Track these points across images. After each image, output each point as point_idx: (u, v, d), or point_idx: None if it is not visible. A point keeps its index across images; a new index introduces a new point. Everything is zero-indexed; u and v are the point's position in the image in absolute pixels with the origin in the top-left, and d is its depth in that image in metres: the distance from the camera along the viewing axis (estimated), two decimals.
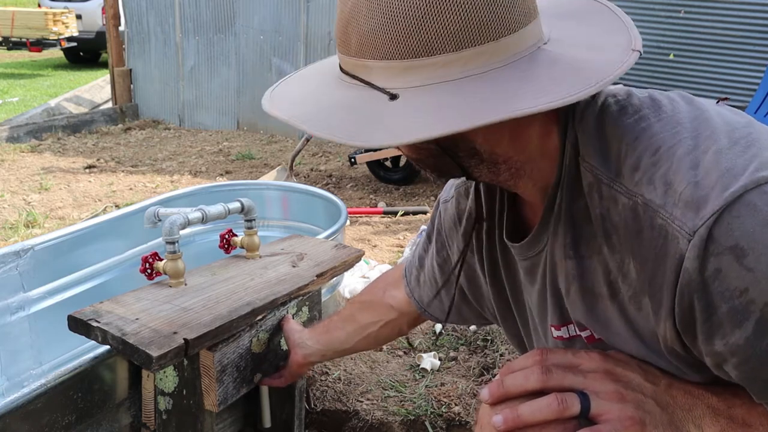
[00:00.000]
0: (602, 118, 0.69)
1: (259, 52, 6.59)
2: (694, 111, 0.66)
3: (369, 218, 3.98)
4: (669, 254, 0.60)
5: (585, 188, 0.68)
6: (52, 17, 11.03)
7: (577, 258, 0.71)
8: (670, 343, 0.65)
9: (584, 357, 0.71)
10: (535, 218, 0.79)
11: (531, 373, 0.70)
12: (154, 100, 7.39)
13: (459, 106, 0.60)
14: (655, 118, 0.66)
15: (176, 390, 1.42)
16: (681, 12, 4.60)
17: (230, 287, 1.53)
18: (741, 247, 0.56)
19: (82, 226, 2.15)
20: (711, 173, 0.59)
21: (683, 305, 0.60)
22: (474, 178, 0.74)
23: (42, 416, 1.28)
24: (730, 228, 0.57)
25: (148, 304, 1.42)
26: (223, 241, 1.72)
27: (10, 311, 1.95)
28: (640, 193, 0.63)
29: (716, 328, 0.59)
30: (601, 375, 0.68)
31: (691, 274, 0.59)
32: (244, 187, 2.73)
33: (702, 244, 0.58)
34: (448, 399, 2.07)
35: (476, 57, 0.62)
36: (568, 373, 0.69)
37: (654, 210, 0.62)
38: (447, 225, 0.97)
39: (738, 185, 0.58)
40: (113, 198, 4.48)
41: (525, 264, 0.79)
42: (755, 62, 4.37)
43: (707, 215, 0.58)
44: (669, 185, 0.61)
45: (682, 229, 0.59)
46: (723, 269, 0.57)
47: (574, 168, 0.69)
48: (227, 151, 5.92)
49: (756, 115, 3.94)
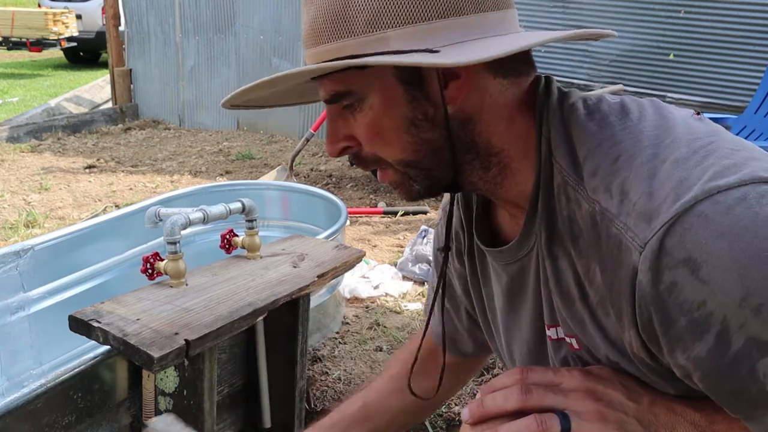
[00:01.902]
0: (569, 118, 0.69)
1: (259, 52, 6.58)
2: (659, 120, 0.66)
3: (369, 218, 3.98)
4: (624, 265, 0.60)
5: (555, 188, 0.69)
6: (52, 17, 11.03)
7: (551, 258, 0.70)
8: (636, 351, 0.64)
9: (565, 375, 0.69)
10: (510, 223, 0.79)
11: (510, 394, 0.69)
12: (154, 100, 7.38)
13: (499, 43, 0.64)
14: (620, 125, 0.66)
15: (177, 390, 1.42)
16: (681, 12, 4.59)
17: (231, 288, 1.53)
18: (694, 259, 0.55)
19: (82, 226, 2.15)
20: (665, 184, 0.59)
21: (643, 317, 0.60)
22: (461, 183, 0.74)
23: (42, 416, 1.28)
24: (682, 240, 0.56)
25: (149, 305, 1.42)
26: (224, 241, 1.72)
27: (10, 311, 1.94)
28: (598, 200, 0.63)
29: (676, 341, 0.58)
30: (582, 394, 0.67)
31: (645, 287, 0.58)
32: (244, 187, 2.73)
33: (654, 256, 0.57)
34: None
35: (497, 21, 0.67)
36: (549, 392, 0.68)
37: (609, 219, 0.62)
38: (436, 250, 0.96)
39: (689, 195, 0.57)
40: (113, 198, 4.48)
41: (513, 268, 0.77)
42: (755, 62, 4.37)
43: (657, 226, 0.57)
44: (625, 195, 0.61)
45: (634, 240, 0.59)
46: (678, 282, 0.56)
47: (549, 166, 0.69)
48: (227, 151, 5.91)
49: (756, 115, 3.94)
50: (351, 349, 2.38)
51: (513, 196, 0.74)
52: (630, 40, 4.76)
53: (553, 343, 0.76)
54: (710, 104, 4.51)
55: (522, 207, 0.74)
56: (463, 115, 0.69)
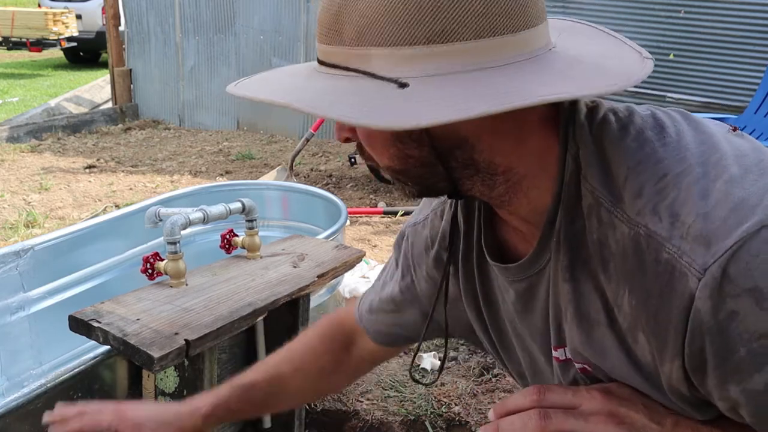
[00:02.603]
0: (602, 135, 0.64)
1: (259, 52, 6.58)
2: (699, 135, 0.62)
3: (369, 218, 3.98)
4: (676, 292, 0.56)
5: (584, 209, 0.64)
6: (52, 17, 11.02)
7: (573, 281, 0.66)
8: (675, 383, 0.61)
9: (585, 396, 0.66)
10: (516, 237, 0.75)
11: (529, 419, 0.66)
12: (154, 100, 7.38)
13: (485, 92, 0.56)
14: (659, 142, 0.62)
15: (177, 390, 1.42)
16: (681, 12, 4.59)
17: (231, 288, 1.53)
18: (760, 288, 0.52)
19: (82, 226, 2.15)
20: (723, 204, 0.55)
21: (694, 347, 0.57)
22: (462, 193, 0.69)
23: (42, 416, 1.28)
24: (748, 267, 0.53)
25: (149, 305, 1.42)
26: (224, 241, 1.73)
27: (10, 311, 1.95)
28: (644, 223, 0.58)
29: (732, 372, 0.56)
30: (604, 417, 0.64)
31: (703, 315, 0.55)
32: (244, 187, 2.73)
33: (715, 284, 0.54)
34: (448, 399, 2.07)
35: (494, 48, 0.58)
36: (569, 417, 0.65)
37: (659, 243, 0.57)
38: (416, 249, 0.91)
39: (755, 219, 0.53)
40: (113, 198, 4.48)
41: (521, 285, 0.73)
42: (755, 62, 4.37)
43: (720, 252, 0.54)
44: (676, 217, 0.57)
45: (691, 266, 0.55)
46: (741, 312, 0.53)
47: (574, 185, 0.64)
48: (227, 151, 5.92)
49: (756, 115, 3.94)
50: None
51: (524, 214, 0.70)
52: None
53: (560, 365, 0.73)
54: (710, 104, 4.51)
55: (532, 223, 0.70)
56: (453, 140, 0.63)
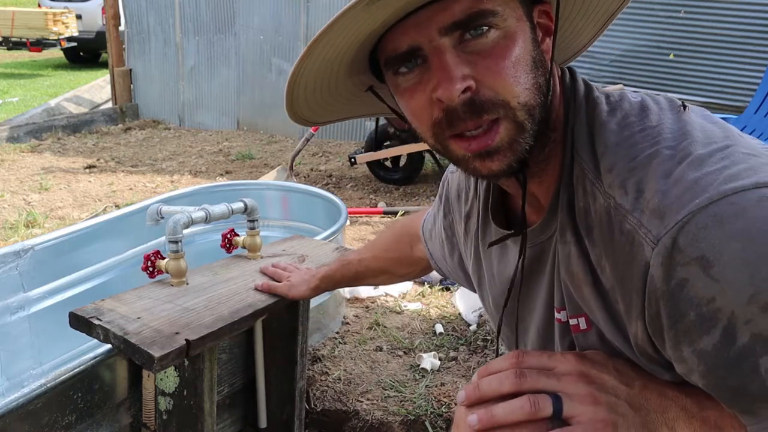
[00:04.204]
0: (593, 113, 0.71)
1: (259, 52, 6.58)
2: (678, 123, 0.68)
3: (369, 218, 3.98)
4: (636, 260, 0.62)
5: (573, 179, 0.71)
6: (52, 17, 11.02)
7: (563, 243, 0.73)
8: (641, 343, 0.66)
9: (559, 359, 0.72)
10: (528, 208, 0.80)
11: (506, 377, 0.71)
12: (154, 100, 7.38)
13: None
14: (639, 126, 0.68)
15: (177, 390, 1.42)
16: (681, 12, 4.59)
17: (232, 288, 1.53)
18: (707, 258, 0.57)
19: (82, 226, 2.15)
20: (680, 183, 0.61)
21: (651, 311, 0.62)
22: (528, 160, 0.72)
23: (42, 416, 1.28)
24: (695, 238, 0.58)
25: (150, 303, 1.42)
26: (225, 240, 1.72)
27: (10, 311, 1.94)
28: (613, 195, 0.65)
29: (683, 334, 0.60)
30: (575, 377, 0.69)
31: (656, 281, 0.60)
32: (244, 187, 2.73)
33: (666, 253, 0.59)
34: (448, 399, 2.07)
35: None
36: (542, 376, 0.70)
37: (623, 215, 0.64)
38: (452, 194, 0.99)
39: (704, 196, 0.59)
40: (113, 198, 4.48)
41: (533, 250, 0.79)
42: (755, 62, 4.37)
43: (671, 224, 0.59)
44: (640, 192, 0.63)
45: (647, 236, 0.61)
46: (689, 279, 0.58)
47: (570, 157, 0.72)
48: (227, 151, 5.91)
49: (756, 115, 3.94)
50: (351, 349, 2.38)
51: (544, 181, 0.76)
52: (630, 40, 4.76)
53: (560, 326, 0.78)
54: (710, 104, 4.50)
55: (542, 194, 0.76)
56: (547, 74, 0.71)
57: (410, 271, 1.29)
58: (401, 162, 4.70)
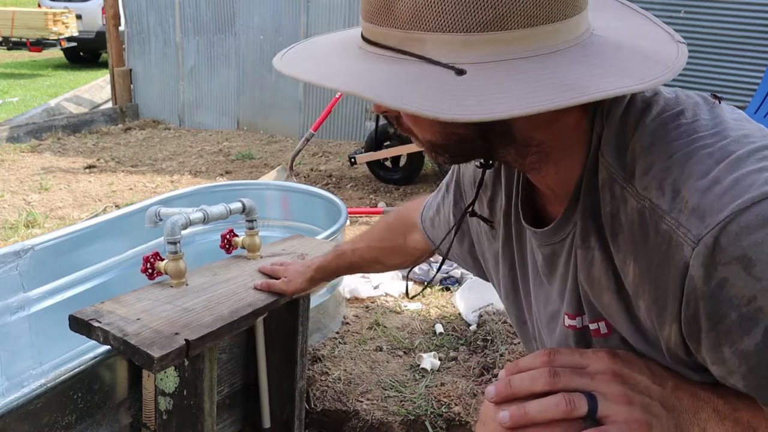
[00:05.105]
0: (626, 114, 0.69)
1: (259, 52, 6.59)
2: (714, 119, 0.66)
3: (369, 218, 3.98)
4: (673, 260, 0.61)
5: (599, 183, 0.69)
6: (52, 17, 11.02)
7: (585, 248, 0.71)
8: (673, 347, 0.65)
9: (592, 358, 0.71)
10: (550, 206, 0.80)
11: (539, 376, 0.70)
12: (154, 100, 7.38)
13: (548, 83, 0.59)
14: (674, 124, 0.66)
15: (177, 390, 1.42)
16: (681, 12, 4.60)
17: (231, 288, 1.53)
18: (749, 257, 0.56)
19: (82, 226, 2.15)
20: (721, 183, 0.60)
21: (689, 312, 0.61)
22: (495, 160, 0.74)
23: (42, 416, 1.28)
24: (737, 238, 0.57)
25: (150, 305, 1.42)
26: (224, 241, 1.72)
27: (10, 311, 1.94)
28: (649, 197, 0.63)
29: (724, 335, 0.59)
30: (608, 377, 0.69)
31: (696, 282, 0.59)
32: (244, 187, 2.73)
33: (708, 253, 0.58)
34: (448, 399, 2.07)
35: (546, 35, 0.62)
36: (576, 375, 0.70)
37: (659, 215, 0.62)
38: (466, 180, 0.99)
39: (747, 196, 0.58)
40: (113, 198, 4.48)
41: (546, 250, 0.79)
42: (755, 62, 4.37)
43: (713, 224, 0.58)
44: (677, 192, 0.61)
45: (686, 236, 0.59)
46: (730, 278, 0.57)
47: (594, 161, 0.70)
48: (227, 151, 5.92)
49: (756, 115, 3.94)
50: (351, 349, 2.38)
51: (551, 183, 0.75)
52: None
53: (576, 333, 0.78)
54: None
55: (558, 194, 0.75)
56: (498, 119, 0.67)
57: (404, 260, 1.29)
58: (401, 162, 4.70)
